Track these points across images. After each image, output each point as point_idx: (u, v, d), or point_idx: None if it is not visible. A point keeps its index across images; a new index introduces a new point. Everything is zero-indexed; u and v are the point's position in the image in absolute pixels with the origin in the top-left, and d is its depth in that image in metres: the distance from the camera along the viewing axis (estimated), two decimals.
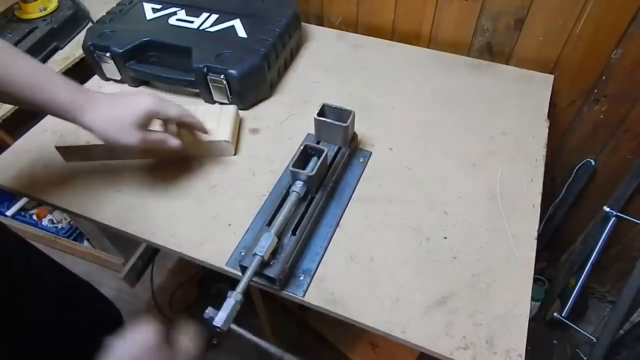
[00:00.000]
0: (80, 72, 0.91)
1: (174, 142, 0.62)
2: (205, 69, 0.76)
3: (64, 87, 0.53)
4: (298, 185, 0.60)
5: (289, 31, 0.86)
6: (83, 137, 0.71)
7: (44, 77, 0.52)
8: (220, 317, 0.49)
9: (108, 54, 0.80)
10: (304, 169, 0.61)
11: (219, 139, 0.71)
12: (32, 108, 0.53)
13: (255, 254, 0.53)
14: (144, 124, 0.57)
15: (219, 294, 1.30)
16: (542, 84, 0.85)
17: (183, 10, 0.87)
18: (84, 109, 0.54)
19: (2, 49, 0.51)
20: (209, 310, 0.49)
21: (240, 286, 0.52)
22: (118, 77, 0.85)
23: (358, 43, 0.96)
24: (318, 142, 0.71)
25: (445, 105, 0.82)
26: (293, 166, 0.60)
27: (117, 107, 0.55)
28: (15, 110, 0.85)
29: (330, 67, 0.90)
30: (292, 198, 0.59)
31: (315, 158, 0.63)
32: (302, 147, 0.62)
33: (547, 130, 0.76)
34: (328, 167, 0.67)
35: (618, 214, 0.99)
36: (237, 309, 0.50)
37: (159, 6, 0.89)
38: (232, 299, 0.50)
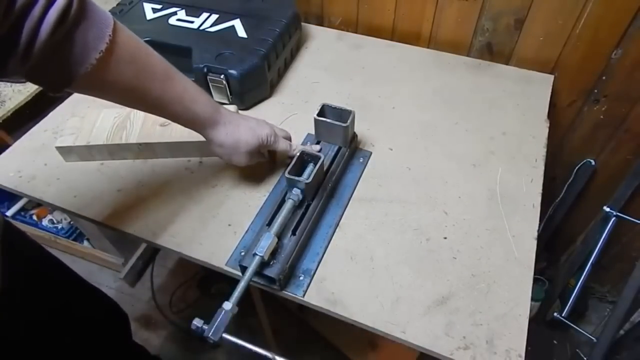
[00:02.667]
0: None
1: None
2: (205, 69, 0.76)
3: (202, 103, 0.55)
4: (294, 192, 0.60)
5: (289, 31, 0.86)
6: (84, 138, 0.71)
7: (189, 91, 0.54)
8: (210, 328, 0.48)
9: None
10: (300, 175, 0.61)
11: None
12: (166, 115, 0.54)
13: (255, 254, 0.53)
14: (255, 152, 0.62)
15: (219, 294, 1.31)
16: (542, 84, 0.85)
17: (183, 11, 0.87)
18: (215, 124, 0.57)
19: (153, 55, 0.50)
20: (196, 321, 0.49)
21: (234, 297, 0.51)
22: None
23: (358, 43, 0.96)
24: (318, 143, 0.71)
25: (446, 105, 0.82)
26: (289, 173, 0.60)
27: (239, 131, 0.59)
28: (15, 110, 0.85)
29: (330, 67, 0.90)
30: (288, 205, 0.59)
31: (311, 165, 0.63)
32: (298, 154, 0.62)
33: (547, 131, 0.76)
34: (327, 169, 0.67)
35: (618, 214, 0.99)
36: (229, 318, 0.49)
37: (159, 6, 0.89)
38: (224, 309, 0.50)
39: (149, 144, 0.71)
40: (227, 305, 0.50)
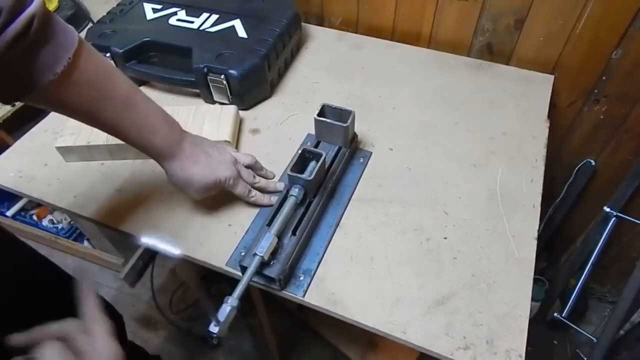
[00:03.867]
0: None
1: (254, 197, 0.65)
2: (205, 69, 0.76)
3: (162, 135, 0.54)
4: (296, 190, 0.60)
5: (289, 31, 0.86)
6: (84, 138, 0.71)
7: (150, 120, 0.53)
8: (214, 324, 0.48)
9: (108, 54, 0.80)
10: (302, 172, 0.61)
11: (218, 139, 0.70)
12: (122, 139, 0.53)
13: (255, 254, 0.53)
14: (210, 189, 0.59)
15: (219, 294, 1.31)
16: (542, 84, 0.85)
17: (183, 11, 0.87)
18: (171, 157, 0.56)
19: (113, 71, 0.50)
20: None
21: (237, 291, 0.51)
22: None
23: (358, 43, 0.96)
24: (318, 143, 0.71)
25: (446, 105, 0.82)
26: (291, 170, 0.60)
27: (195, 168, 0.57)
28: (15, 110, 0.85)
29: (330, 67, 0.90)
30: (290, 202, 0.59)
31: (313, 162, 0.63)
32: (300, 151, 0.62)
33: (547, 131, 0.76)
34: (328, 169, 0.67)
35: (618, 214, 0.99)
36: (234, 314, 0.50)
37: (159, 6, 0.89)
38: (228, 305, 0.50)
39: None
40: (230, 300, 0.50)
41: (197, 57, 0.77)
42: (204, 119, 0.73)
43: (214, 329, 0.48)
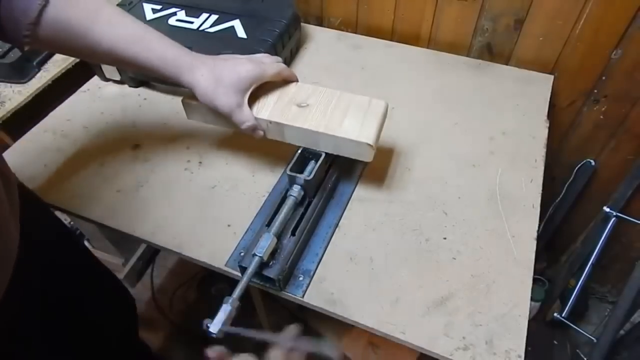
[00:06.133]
0: (80, 72, 0.91)
1: (259, 133, 0.62)
2: None
3: (172, 47, 0.54)
4: (295, 189, 0.60)
5: (288, 32, 0.86)
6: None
7: (153, 36, 0.53)
8: (214, 324, 0.48)
9: None
10: (301, 172, 0.61)
11: (359, 140, 0.58)
12: (136, 66, 0.53)
13: (254, 255, 0.53)
14: (244, 88, 0.57)
15: (219, 294, 1.31)
16: (542, 85, 0.85)
17: (183, 11, 0.87)
18: (191, 66, 0.55)
19: (107, 6, 0.51)
20: (207, 321, 0.49)
21: (237, 292, 0.51)
22: (118, 78, 0.86)
23: (358, 43, 0.96)
24: None
25: (445, 105, 0.82)
26: (290, 170, 0.59)
27: (221, 67, 0.56)
28: (16, 110, 0.85)
29: (330, 68, 0.90)
30: (289, 202, 0.59)
31: (312, 162, 0.63)
32: (299, 151, 0.62)
33: (547, 131, 0.76)
34: (327, 168, 0.67)
35: (618, 214, 0.99)
36: (233, 314, 0.50)
37: (158, 7, 0.89)
38: (228, 306, 0.50)
39: (280, 124, 0.60)
40: (231, 301, 0.50)
41: None
42: (347, 109, 0.61)
43: (213, 329, 0.48)
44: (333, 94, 0.63)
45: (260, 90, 0.62)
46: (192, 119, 0.67)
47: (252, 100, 0.60)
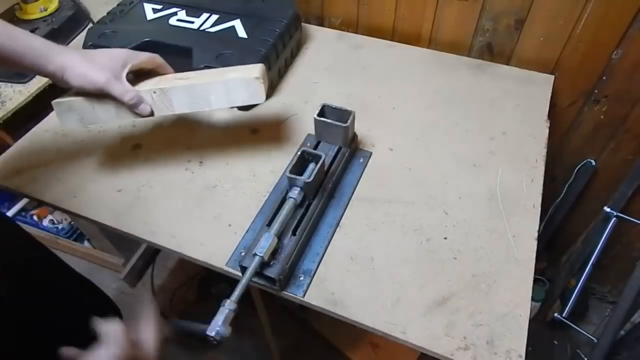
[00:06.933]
0: None
1: (146, 107, 0.61)
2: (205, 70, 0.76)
3: (37, 38, 0.55)
4: (295, 192, 0.60)
5: (289, 31, 0.86)
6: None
7: (17, 30, 0.55)
8: (212, 327, 0.48)
9: None
10: (301, 174, 0.61)
11: (249, 77, 0.60)
12: (1, 58, 0.54)
13: (255, 255, 0.53)
14: (117, 67, 0.58)
15: (219, 294, 1.31)
16: (542, 85, 0.85)
17: (183, 11, 0.87)
18: (61, 50, 0.55)
19: None
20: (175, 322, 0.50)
21: (237, 292, 0.51)
22: None
23: (358, 43, 0.96)
24: (318, 143, 0.71)
25: (446, 105, 0.82)
26: (290, 172, 0.59)
27: (92, 52, 0.58)
28: (16, 110, 0.85)
29: (330, 68, 0.90)
30: (289, 204, 0.59)
31: (312, 164, 0.63)
32: (299, 153, 0.62)
33: (547, 131, 0.76)
34: (328, 169, 0.67)
35: (618, 214, 0.99)
36: (232, 315, 0.49)
37: (159, 6, 0.89)
38: (226, 308, 0.50)
39: (164, 89, 0.61)
40: (228, 304, 0.50)
41: (197, 57, 0.77)
42: (229, 71, 0.64)
43: (212, 331, 0.48)
44: (212, 70, 0.66)
45: (139, 79, 0.64)
46: (67, 123, 0.63)
47: (133, 85, 0.61)
